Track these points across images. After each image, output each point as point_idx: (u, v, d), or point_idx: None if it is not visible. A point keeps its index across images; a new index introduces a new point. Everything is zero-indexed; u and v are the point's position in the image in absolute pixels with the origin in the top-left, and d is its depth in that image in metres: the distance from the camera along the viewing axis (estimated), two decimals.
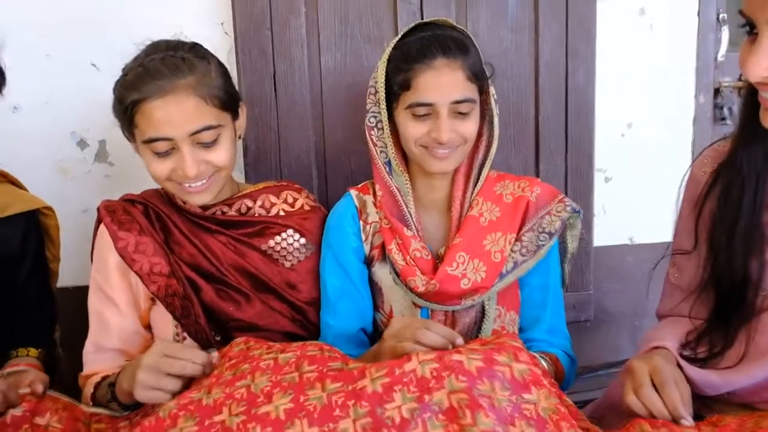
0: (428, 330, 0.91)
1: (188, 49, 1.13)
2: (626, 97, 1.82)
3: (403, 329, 0.94)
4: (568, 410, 0.84)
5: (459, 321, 1.15)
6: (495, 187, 1.20)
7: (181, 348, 0.96)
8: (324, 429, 0.77)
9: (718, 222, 0.99)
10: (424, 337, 0.90)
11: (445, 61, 1.08)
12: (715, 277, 1.01)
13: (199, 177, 1.11)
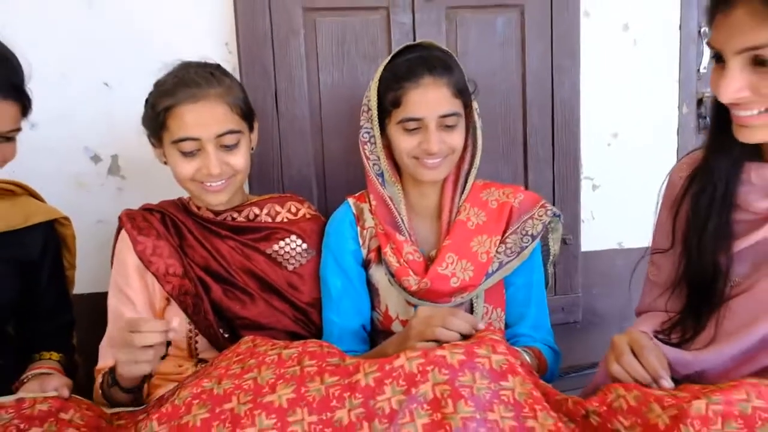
0: (454, 317, 1.00)
1: (215, 67, 1.27)
2: (612, 108, 1.91)
3: (432, 316, 1.02)
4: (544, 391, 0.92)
5: None
6: (481, 194, 1.28)
7: (142, 321, 1.03)
8: (322, 417, 0.86)
9: (692, 221, 1.07)
10: (451, 323, 0.98)
11: (431, 80, 1.17)
12: (688, 271, 1.09)
13: (220, 176, 1.22)
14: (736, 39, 0.88)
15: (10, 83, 1.13)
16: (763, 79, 0.88)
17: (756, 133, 0.94)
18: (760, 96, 0.89)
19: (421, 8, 1.62)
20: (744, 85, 0.89)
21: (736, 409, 0.80)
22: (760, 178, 1.00)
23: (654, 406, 0.85)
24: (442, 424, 0.82)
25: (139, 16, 1.62)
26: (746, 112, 0.92)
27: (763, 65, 0.87)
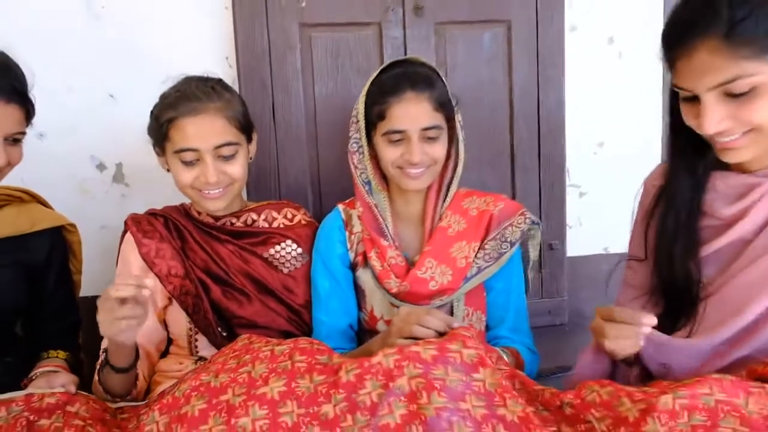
0: (430, 316, 1.07)
1: (216, 82, 1.34)
2: (598, 118, 1.98)
3: (410, 315, 1.10)
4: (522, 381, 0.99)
5: None
6: (463, 202, 1.35)
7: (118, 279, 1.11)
8: (309, 410, 0.93)
9: (660, 242, 1.14)
10: (426, 322, 1.06)
11: (413, 94, 1.24)
12: (661, 284, 1.15)
13: (217, 185, 1.29)
14: (705, 79, 0.94)
15: (13, 88, 1.19)
16: (738, 106, 0.95)
17: (741, 153, 1.01)
18: (740, 121, 0.96)
19: (411, 24, 1.70)
20: (723, 116, 0.96)
21: (701, 403, 0.86)
22: (726, 186, 1.07)
23: (624, 400, 0.91)
24: (417, 414, 0.89)
25: (144, 31, 1.70)
26: (729, 137, 0.99)
27: (734, 96, 0.94)
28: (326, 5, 1.68)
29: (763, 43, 0.91)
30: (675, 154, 1.12)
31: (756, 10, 0.91)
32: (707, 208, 1.09)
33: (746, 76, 0.92)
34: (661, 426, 0.85)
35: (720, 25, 0.91)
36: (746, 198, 1.03)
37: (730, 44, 0.91)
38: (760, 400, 0.87)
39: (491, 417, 0.90)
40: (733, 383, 0.89)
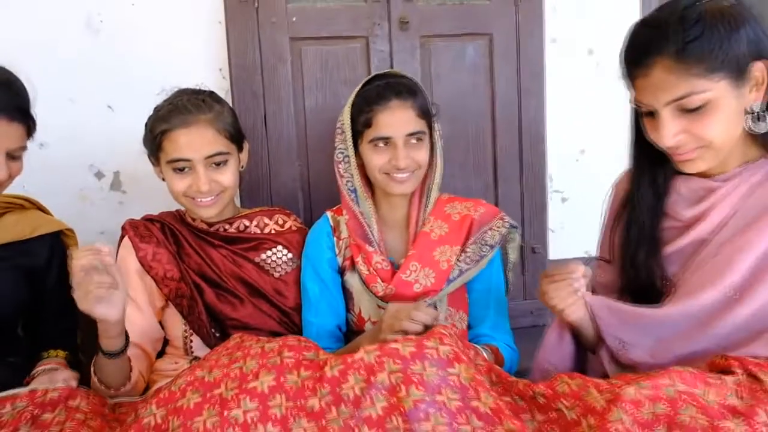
0: (418, 311, 1.15)
1: (207, 95, 1.40)
2: (579, 126, 2.05)
3: (399, 311, 1.18)
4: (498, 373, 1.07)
5: None
6: (445, 208, 1.42)
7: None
8: (297, 403, 0.99)
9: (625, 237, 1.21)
10: (415, 316, 1.14)
11: (398, 102, 1.31)
12: (629, 283, 1.22)
13: (209, 193, 1.35)
14: (661, 95, 1.02)
15: (15, 106, 1.25)
16: (692, 122, 1.03)
17: (697, 164, 1.08)
18: (694, 136, 1.04)
19: (397, 37, 1.77)
20: (679, 130, 1.04)
21: (663, 393, 0.93)
22: (687, 189, 1.15)
23: (592, 391, 0.98)
24: (397, 406, 0.96)
25: (141, 44, 1.77)
26: (684, 150, 1.06)
27: (690, 110, 1.02)
28: (316, 20, 1.75)
29: (712, 62, 0.99)
30: (638, 164, 1.19)
31: (705, 31, 0.98)
32: (670, 210, 1.16)
33: (698, 93, 1.00)
34: (625, 415, 0.91)
35: (672, 45, 0.99)
36: (705, 201, 1.11)
37: (682, 63, 0.99)
38: (718, 390, 0.94)
39: (465, 408, 0.97)
40: (693, 375, 0.96)
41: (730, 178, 1.09)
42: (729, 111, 1.02)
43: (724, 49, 0.99)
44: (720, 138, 1.04)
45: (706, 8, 1.00)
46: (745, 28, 1.00)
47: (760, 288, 1.02)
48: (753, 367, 0.97)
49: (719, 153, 1.06)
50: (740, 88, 1.02)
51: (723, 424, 0.90)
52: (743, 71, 1.01)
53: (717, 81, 1.00)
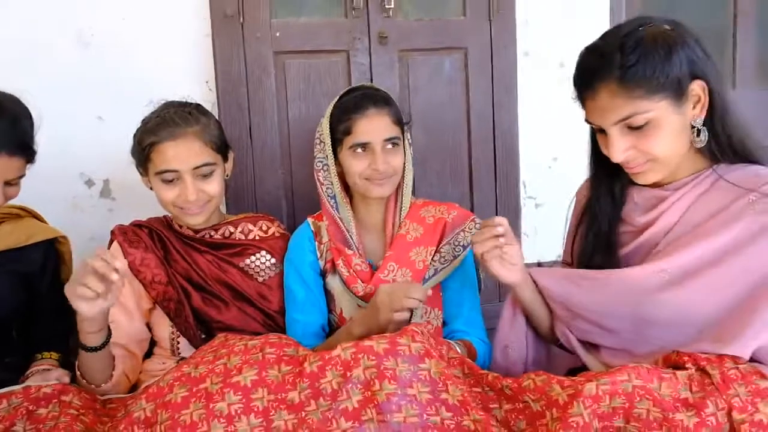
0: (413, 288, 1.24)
1: (194, 107, 1.46)
2: (551, 135, 2.14)
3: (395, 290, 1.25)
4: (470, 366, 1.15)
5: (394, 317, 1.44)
6: (420, 212, 1.50)
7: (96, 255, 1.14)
8: (278, 396, 1.06)
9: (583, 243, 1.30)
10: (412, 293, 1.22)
11: (375, 110, 1.40)
12: None
13: (197, 202, 1.41)
14: (607, 115, 1.11)
15: (18, 143, 1.32)
16: (638, 138, 1.12)
17: (648, 176, 1.18)
18: (641, 151, 1.13)
19: (376, 51, 1.86)
20: (627, 146, 1.13)
21: (620, 388, 1.00)
22: (641, 198, 1.24)
23: (555, 386, 1.05)
24: (371, 399, 1.04)
25: (130, 57, 1.84)
26: (635, 164, 1.16)
27: (636, 128, 1.11)
28: (298, 35, 1.83)
29: (652, 84, 1.07)
30: (596, 175, 1.28)
31: (642, 57, 1.07)
32: (626, 216, 1.25)
33: (641, 113, 1.09)
34: (584, 409, 0.98)
35: (615, 71, 1.08)
36: (657, 208, 1.20)
37: (624, 87, 1.08)
38: (671, 384, 1.01)
39: (435, 401, 1.05)
40: (648, 371, 1.03)
41: (680, 187, 1.18)
42: (672, 127, 1.11)
43: (663, 72, 1.07)
44: (665, 152, 1.12)
45: (645, 34, 1.09)
46: (683, 50, 1.08)
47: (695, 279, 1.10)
48: (703, 363, 1.04)
49: (667, 165, 1.15)
50: (681, 106, 1.10)
51: (676, 416, 0.98)
52: (683, 90, 1.09)
53: (658, 101, 1.08)
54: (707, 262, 1.10)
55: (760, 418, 0.98)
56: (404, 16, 1.89)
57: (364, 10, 1.84)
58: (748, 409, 0.98)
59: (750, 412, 0.98)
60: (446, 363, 1.11)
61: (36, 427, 1.11)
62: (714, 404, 0.99)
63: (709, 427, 0.97)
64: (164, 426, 1.04)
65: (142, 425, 1.07)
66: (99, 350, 1.27)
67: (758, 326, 1.04)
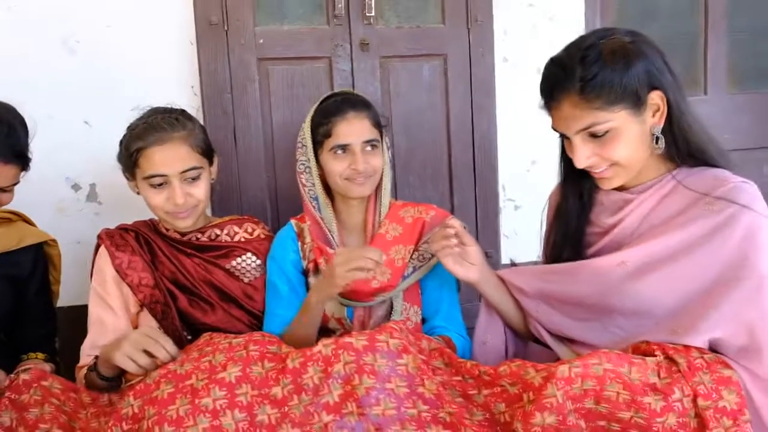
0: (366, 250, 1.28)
1: (179, 113, 1.49)
2: (530, 139, 2.18)
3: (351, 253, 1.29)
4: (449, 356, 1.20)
5: (374, 314, 1.48)
6: (399, 212, 1.54)
7: (162, 335, 1.26)
8: (262, 392, 1.11)
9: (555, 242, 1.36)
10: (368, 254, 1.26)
11: (354, 114, 1.45)
12: None
13: (185, 205, 1.44)
14: (570, 125, 1.17)
15: (14, 151, 1.36)
16: (600, 145, 1.18)
17: (612, 181, 1.24)
18: (603, 158, 1.19)
19: (358, 58, 1.90)
20: (589, 153, 1.19)
21: (591, 371, 1.05)
22: (608, 201, 1.29)
23: (530, 370, 1.11)
24: (352, 393, 1.08)
25: (116, 63, 1.87)
26: (599, 169, 1.21)
27: (598, 136, 1.16)
28: (282, 41, 1.88)
29: (611, 96, 1.13)
30: (566, 179, 1.34)
31: (601, 70, 1.12)
32: (594, 218, 1.31)
33: (602, 123, 1.14)
34: (557, 390, 1.04)
35: (576, 83, 1.13)
36: (622, 210, 1.26)
37: (585, 98, 1.13)
38: (640, 369, 1.07)
39: (412, 394, 1.10)
40: (618, 356, 1.09)
41: (644, 190, 1.24)
42: (632, 135, 1.16)
43: (621, 83, 1.12)
44: (627, 158, 1.18)
45: (605, 47, 1.14)
46: (641, 62, 1.14)
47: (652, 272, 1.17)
48: (671, 351, 1.10)
49: (630, 170, 1.21)
50: (641, 115, 1.16)
51: (644, 400, 1.03)
52: (642, 100, 1.15)
53: (617, 111, 1.14)
54: (665, 257, 1.16)
55: (723, 405, 1.04)
56: (385, 24, 1.94)
57: (345, 18, 1.88)
58: (712, 396, 1.04)
59: (714, 399, 1.04)
60: (426, 356, 1.16)
61: (21, 415, 1.14)
62: (680, 390, 1.04)
63: (675, 411, 1.03)
64: (151, 421, 1.07)
65: (129, 421, 1.11)
66: (112, 381, 1.34)
67: (712, 321, 1.10)
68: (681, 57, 2.39)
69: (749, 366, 1.08)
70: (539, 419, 1.02)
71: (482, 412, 1.11)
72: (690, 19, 2.39)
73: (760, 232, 1.11)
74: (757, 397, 1.07)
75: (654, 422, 1.02)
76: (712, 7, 2.36)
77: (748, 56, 2.45)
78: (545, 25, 2.16)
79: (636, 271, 1.18)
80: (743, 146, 2.42)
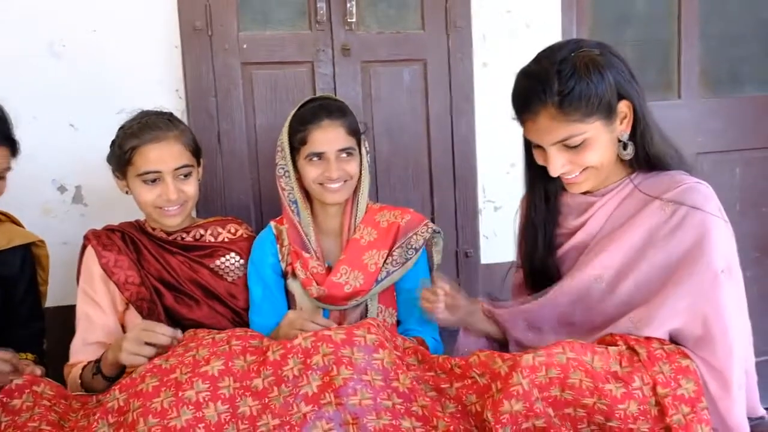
0: (312, 322, 1.31)
1: (170, 115, 1.56)
2: (509, 142, 2.22)
3: (296, 320, 1.33)
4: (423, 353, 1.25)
5: (348, 316, 1.54)
6: (375, 216, 1.58)
7: (156, 324, 1.30)
8: (243, 384, 1.15)
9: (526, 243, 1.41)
10: (308, 327, 1.29)
11: (329, 122, 1.48)
12: (533, 282, 1.42)
13: (177, 201, 1.50)
14: (547, 137, 1.22)
15: (2, 133, 1.39)
16: (574, 155, 1.23)
17: (582, 186, 1.29)
18: (577, 164, 1.24)
19: (340, 62, 1.95)
20: (565, 162, 1.24)
21: (555, 360, 1.11)
22: (574, 203, 1.35)
23: (497, 360, 1.16)
24: (330, 384, 1.12)
25: (101, 66, 1.88)
26: (571, 175, 1.27)
27: (573, 146, 1.22)
28: (265, 47, 1.91)
29: (587, 109, 1.18)
30: (531, 186, 1.40)
31: (578, 84, 1.16)
32: (561, 220, 1.37)
33: (578, 134, 1.20)
34: (523, 378, 1.09)
35: (554, 97, 1.17)
36: (587, 212, 1.32)
37: (563, 112, 1.18)
38: (602, 358, 1.13)
39: (387, 388, 1.14)
40: (582, 345, 1.14)
41: (606, 193, 1.30)
42: (604, 142, 1.22)
43: (597, 96, 1.17)
44: (599, 163, 1.24)
45: (578, 60, 1.18)
46: (611, 73, 1.19)
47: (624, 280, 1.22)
48: (632, 342, 1.16)
49: (601, 174, 1.27)
50: (611, 123, 1.22)
51: (606, 387, 1.09)
52: (613, 110, 1.21)
53: (592, 122, 1.19)
54: (631, 259, 1.22)
55: (681, 393, 1.10)
56: (366, 30, 1.98)
57: (327, 24, 1.93)
58: (671, 385, 1.10)
59: (673, 387, 1.10)
60: (401, 353, 1.20)
61: (12, 419, 1.17)
62: (640, 379, 1.10)
63: (635, 399, 1.08)
64: (136, 413, 1.11)
65: (115, 414, 1.14)
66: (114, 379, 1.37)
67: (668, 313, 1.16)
68: (655, 62, 2.45)
69: (704, 356, 1.14)
70: (507, 407, 1.07)
71: (454, 404, 1.16)
72: (664, 25, 2.46)
73: (711, 230, 1.16)
74: (711, 385, 1.13)
75: (616, 408, 1.07)
76: (685, 13, 2.42)
77: (721, 61, 2.52)
78: (523, 31, 2.21)
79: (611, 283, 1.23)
80: (716, 149, 2.49)
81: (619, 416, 1.07)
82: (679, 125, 2.39)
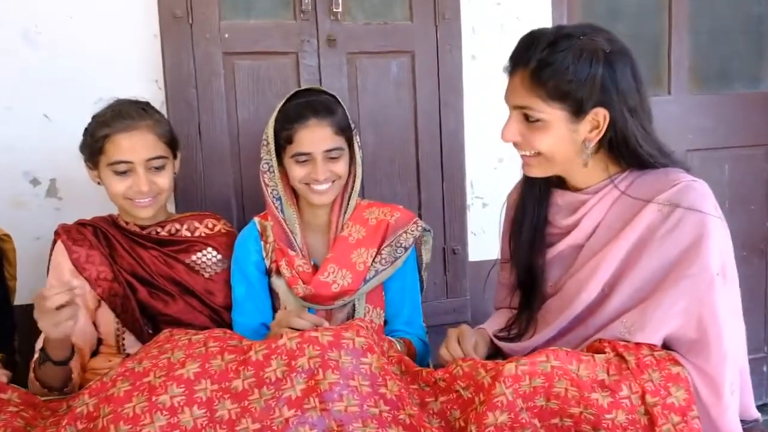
0: (299, 318, 1.25)
1: (146, 104, 1.51)
2: (497, 137, 2.19)
3: (283, 318, 1.28)
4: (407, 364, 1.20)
5: (335, 316, 1.49)
6: (364, 213, 1.53)
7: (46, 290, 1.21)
8: (221, 386, 1.09)
9: (515, 239, 1.37)
10: (295, 324, 1.24)
11: (316, 121, 1.42)
12: (519, 281, 1.38)
13: (149, 194, 1.45)
14: (512, 97, 1.19)
15: None
16: (529, 130, 1.18)
17: (532, 170, 1.25)
18: (528, 143, 1.19)
19: (325, 53, 1.89)
20: (516, 132, 1.20)
21: (539, 369, 1.07)
22: (563, 201, 1.30)
23: (480, 370, 1.12)
24: (315, 388, 1.07)
25: (77, 55, 1.82)
26: (522, 152, 1.23)
27: (530, 121, 1.17)
28: (248, 36, 1.85)
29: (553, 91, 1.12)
30: (525, 179, 1.34)
31: (559, 62, 1.11)
32: (551, 218, 1.32)
33: (536, 110, 1.15)
34: (506, 388, 1.05)
35: (532, 62, 1.13)
36: (579, 211, 1.26)
37: (532, 81, 1.13)
38: (588, 366, 1.09)
39: (374, 394, 1.09)
40: (567, 353, 1.10)
41: (597, 191, 1.24)
42: (559, 134, 1.16)
43: (569, 86, 1.11)
44: (548, 151, 1.18)
45: (578, 44, 1.11)
46: (604, 73, 1.11)
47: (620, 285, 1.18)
48: (621, 349, 1.12)
49: (553, 165, 1.21)
50: (576, 123, 1.15)
51: (592, 396, 1.05)
52: (584, 111, 1.14)
53: (553, 108, 1.14)
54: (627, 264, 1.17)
55: (671, 401, 1.06)
56: (352, 20, 1.93)
57: (312, 13, 1.87)
58: (660, 393, 1.06)
59: (662, 396, 1.06)
60: (386, 359, 1.16)
61: None
62: (628, 387, 1.07)
63: (623, 408, 1.05)
64: (107, 420, 1.05)
65: (84, 420, 1.08)
66: (67, 362, 1.33)
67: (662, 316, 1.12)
68: (646, 57, 2.43)
69: (697, 362, 1.10)
70: (492, 419, 1.03)
71: (438, 420, 1.12)
72: (654, 20, 2.44)
73: (709, 232, 1.11)
74: (703, 392, 1.09)
75: (603, 418, 1.03)
76: (675, 8, 2.40)
77: (711, 57, 2.50)
78: (513, 23, 2.17)
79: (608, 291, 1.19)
80: (706, 146, 2.48)
81: (606, 426, 1.03)
82: (669, 121, 2.37)
